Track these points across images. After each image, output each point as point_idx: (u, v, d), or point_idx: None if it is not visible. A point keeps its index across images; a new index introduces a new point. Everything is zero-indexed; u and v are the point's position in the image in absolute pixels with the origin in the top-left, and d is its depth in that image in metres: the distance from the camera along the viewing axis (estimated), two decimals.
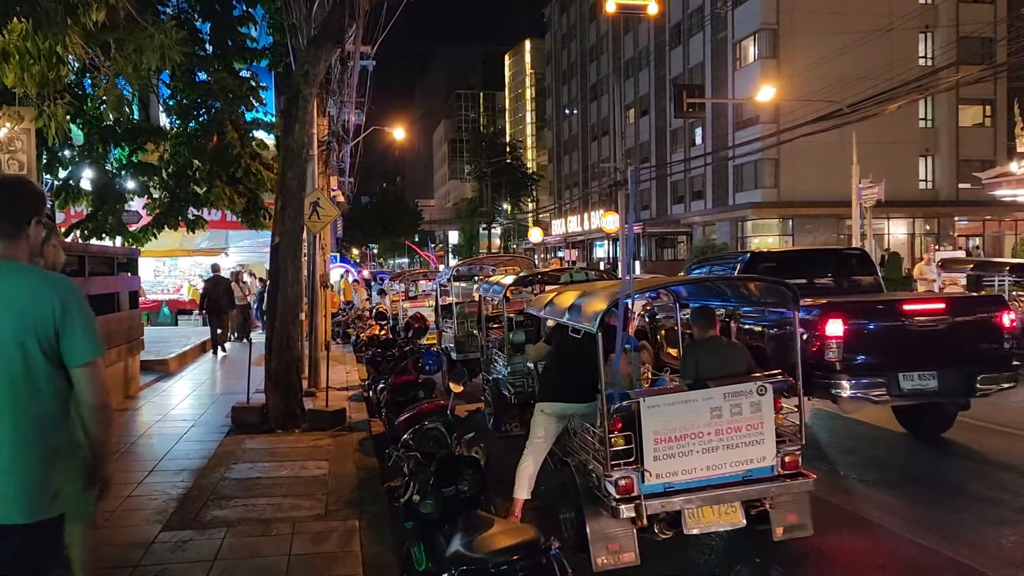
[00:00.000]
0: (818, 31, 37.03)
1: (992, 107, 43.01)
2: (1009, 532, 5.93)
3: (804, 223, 40.96)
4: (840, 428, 9.92)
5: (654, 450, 4.99)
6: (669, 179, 51.33)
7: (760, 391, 5.18)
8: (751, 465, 5.16)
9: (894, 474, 7.70)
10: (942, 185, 42.99)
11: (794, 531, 5.40)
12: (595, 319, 5.17)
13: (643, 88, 56.38)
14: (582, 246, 64.38)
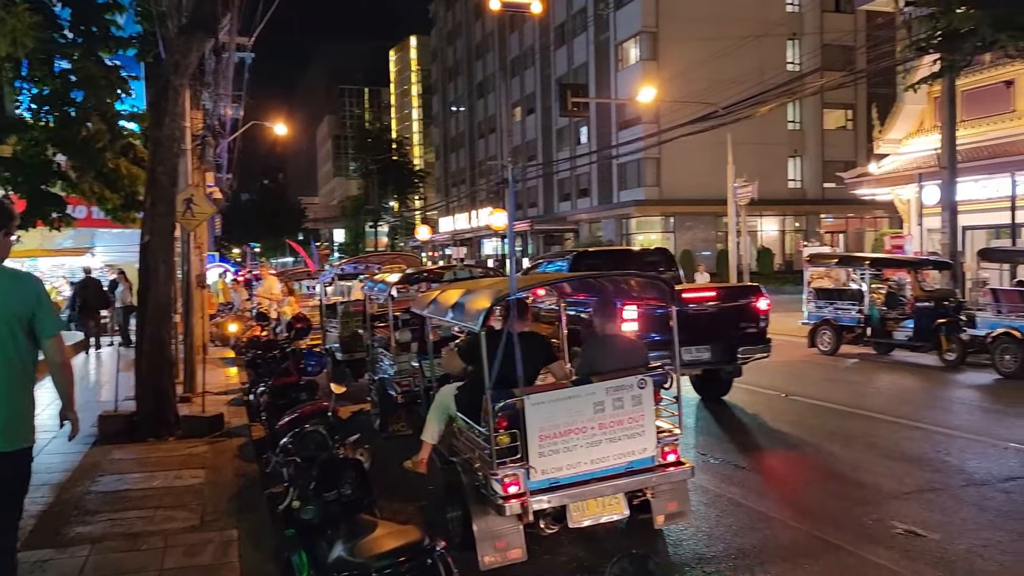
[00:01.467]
0: (695, 36, 38.33)
1: (854, 111, 45.69)
2: (871, 510, 6.27)
3: (684, 220, 42.39)
4: (717, 417, 10.29)
5: (539, 447, 5.01)
6: (556, 177, 52.04)
7: (640, 385, 5.27)
8: (633, 457, 5.26)
9: (768, 460, 8.02)
10: (810, 184, 45.37)
11: (674, 518, 5.58)
12: (478, 317, 5.13)
13: (529, 87, 56.91)
14: (471, 243, 64.42)
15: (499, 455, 4.98)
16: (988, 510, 6.26)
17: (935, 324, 13.94)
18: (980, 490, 6.79)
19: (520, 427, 5.03)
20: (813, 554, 5.44)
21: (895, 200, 24.13)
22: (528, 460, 4.99)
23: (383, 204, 74.14)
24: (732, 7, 39.82)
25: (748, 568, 5.26)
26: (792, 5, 43.95)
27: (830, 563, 5.28)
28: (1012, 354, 12.37)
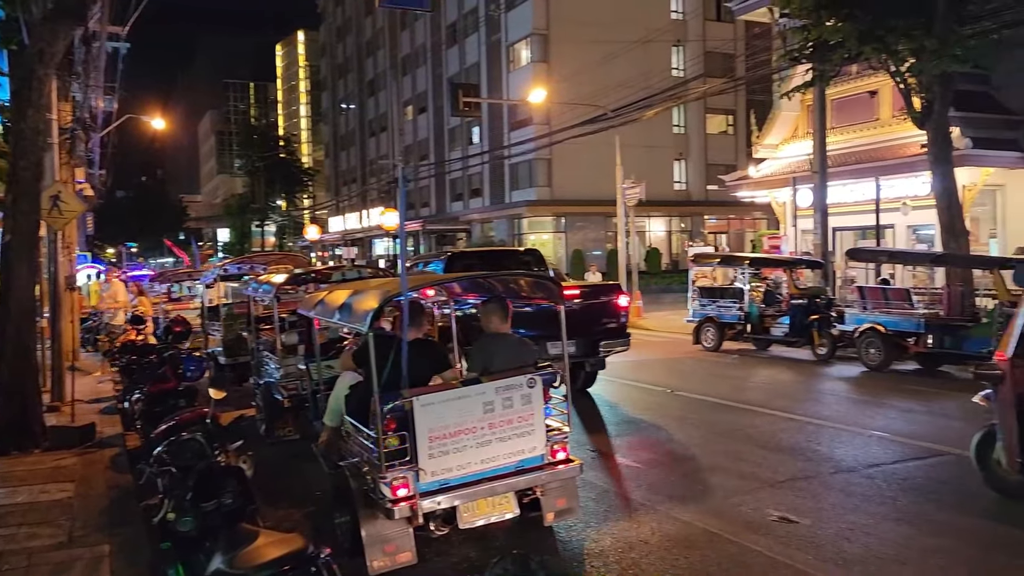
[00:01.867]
0: (585, 39, 39.02)
1: (734, 117, 47.63)
2: (749, 499, 6.54)
3: (575, 221, 43.11)
4: (606, 414, 10.50)
5: (429, 448, 4.97)
6: (448, 177, 51.92)
7: (530, 384, 5.30)
8: (523, 456, 5.29)
9: (655, 454, 8.24)
10: (694, 186, 46.98)
11: (564, 515, 5.64)
12: (366, 318, 5.04)
13: (421, 85, 56.56)
14: (362, 243, 63.50)
15: (388, 458, 4.91)
16: (854, 495, 6.63)
17: (808, 320, 14.69)
18: (847, 476, 7.18)
19: (409, 429, 4.98)
20: (696, 544, 5.62)
21: (772, 202, 25.25)
22: (417, 462, 4.94)
23: (270, 203, 72.11)
24: (620, 13, 40.77)
25: (634, 561, 5.37)
26: (676, 13, 45.38)
27: (711, 552, 5.46)
28: (876, 348, 13.17)
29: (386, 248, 60.07)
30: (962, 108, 17.48)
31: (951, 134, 15.01)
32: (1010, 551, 5.39)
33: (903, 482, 6.98)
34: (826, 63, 14.92)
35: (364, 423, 5.38)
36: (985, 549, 5.45)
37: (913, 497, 6.60)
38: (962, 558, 5.32)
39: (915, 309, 13.24)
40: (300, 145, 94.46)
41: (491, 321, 5.86)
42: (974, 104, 18.85)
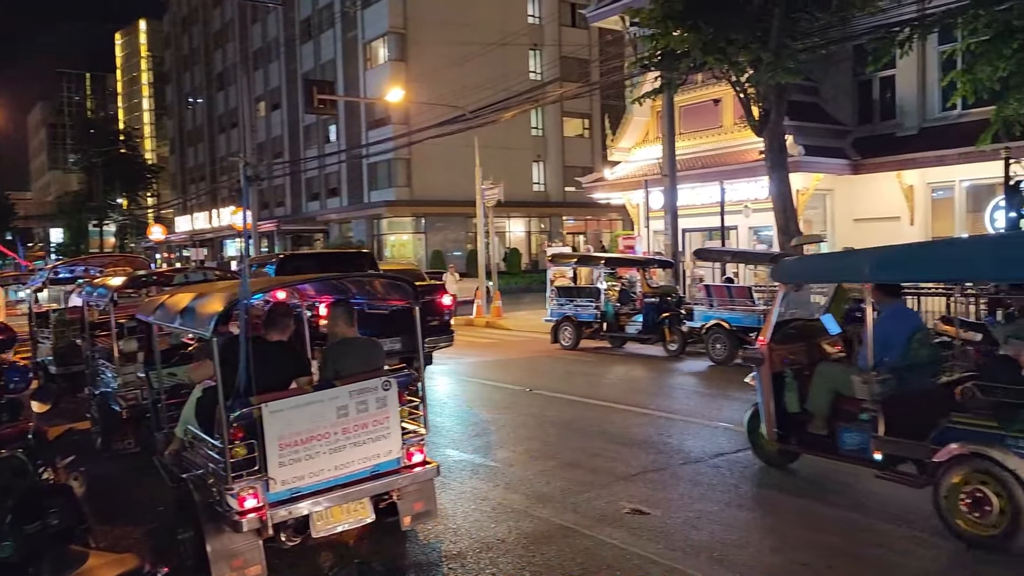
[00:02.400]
0: (443, 39, 39.01)
1: (590, 120, 49.01)
2: (604, 494, 6.71)
3: (435, 221, 43.02)
4: (465, 415, 10.50)
5: (279, 456, 4.80)
6: (304, 176, 50.55)
7: (385, 386, 5.22)
8: (378, 460, 5.21)
9: (513, 453, 8.30)
10: (552, 187, 47.96)
11: (421, 518, 5.59)
12: (209, 322, 4.79)
13: (274, 81, 54.80)
14: (211, 244, 60.75)
15: (235, 468, 4.70)
16: (701, 484, 6.93)
17: (660, 318, 15.30)
18: (695, 467, 7.50)
19: (258, 437, 4.78)
20: (552, 540, 5.70)
21: (627, 204, 26.12)
22: (267, 471, 4.76)
23: (109, 201, 67.64)
24: (478, 14, 41.07)
25: (492, 560, 5.39)
26: (533, 17, 46.19)
27: (566, 547, 5.55)
28: (722, 343, 13.88)
29: (238, 249, 57.74)
30: (795, 117, 18.69)
31: (786, 142, 16.02)
32: (836, 527, 5.78)
33: (744, 470, 7.36)
34: (673, 71, 15.56)
35: (212, 432, 5.13)
36: (813, 528, 5.82)
37: (754, 483, 6.98)
38: (793, 537, 5.66)
39: (756, 306, 14.03)
40: (143, 140, 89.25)
41: (338, 325, 5.72)
42: (806, 114, 20.21)
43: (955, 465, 5.39)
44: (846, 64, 19.88)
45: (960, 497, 5.36)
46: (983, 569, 5.10)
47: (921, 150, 18.58)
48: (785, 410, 6.92)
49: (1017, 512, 5.05)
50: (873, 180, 20.01)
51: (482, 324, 22.52)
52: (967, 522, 5.34)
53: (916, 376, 6.14)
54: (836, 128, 20.74)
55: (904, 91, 19.75)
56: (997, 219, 15.72)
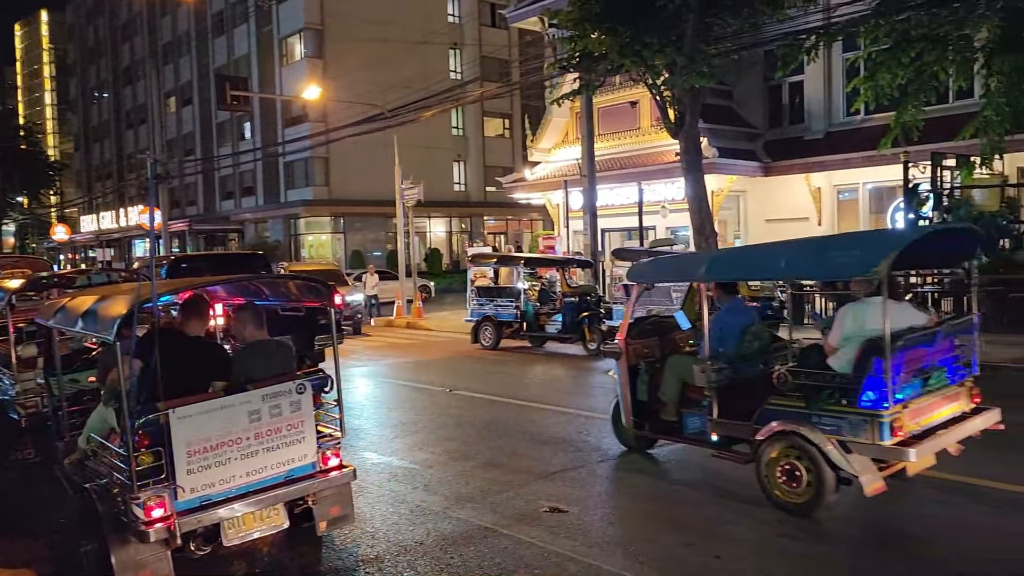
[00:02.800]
0: (361, 37, 38.55)
1: (510, 120, 49.19)
2: (525, 493, 6.73)
3: (355, 221, 42.47)
4: (383, 417, 10.39)
5: (187, 463, 4.64)
6: (218, 174, 49.21)
7: (299, 389, 5.11)
8: (293, 465, 5.09)
9: (432, 454, 8.25)
10: (473, 187, 47.97)
11: (338, 523, 5.48)
12: (112, 325, 4.60)
13: (185, 76, 53.15)
14: (119, 245, 58.51)
15: (141, 476, 4.53)
16: (618, 481, 7.04)
17: (580, 317, 15.45)
18: (612, 464, 7.60)
19: (166, 444, 4.61)
20: (471, 541, 5.68)
21: (547, 204, 26.33)
22: (175, 479, 4.60)
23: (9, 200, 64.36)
24: (397, 12, 40.73)
25: (409, 563, 5.34)
26: (453, 16, 46.09)
27: (486, 547, 5.54)
28: None
29: (146, 250, 55.76)
30: (710, 120, 19.20)
31: (700, 144, 16.40)
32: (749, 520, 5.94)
33: (658, 466, 7.51)
34: (591, 73, 15.76)
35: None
36: (728, 521, 5.97)
37: (665, 478, 7.13)
38: (707, 531, 5.79)
39: (674, 305, 14.31)
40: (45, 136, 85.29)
41: (247, 328, 5.58)
42: (720, 117, 20.79)
43: (773, 442, 6.03)
44: (757, 69, 20.54)
45: (777, 470, 6.00)
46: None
47: (827, 153, 19.35)
48: (641, 399, 7.54)
49: (820, 481, 5.71)
50: (783, 182, 20.73)
51: (403, 325, 22.34)
52: (783, 492, 5.97)
53: (747, 365, 6.83)
54: (748, 131, 21.39)
55: (812, 96, 20.53)
56: (898, 220, 16.48)
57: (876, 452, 5.55)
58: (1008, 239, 14.87)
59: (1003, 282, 14.43)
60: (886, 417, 5.45)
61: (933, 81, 12.20)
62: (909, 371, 5.74)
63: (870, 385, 5.55)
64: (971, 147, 13.71)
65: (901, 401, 5.59)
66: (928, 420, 5.87)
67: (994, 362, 11.53)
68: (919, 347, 5.80)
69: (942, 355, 6.12)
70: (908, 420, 5.64)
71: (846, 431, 5.65)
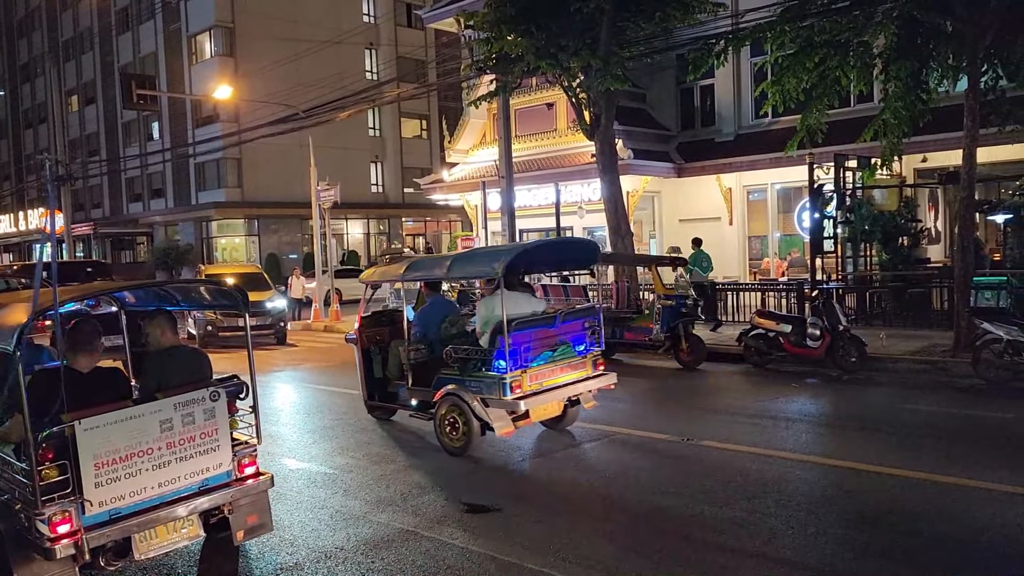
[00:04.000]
0: (274, 35, 37.76)
1: (428, 121, 48.95)
2: (444, 494, 6.71)
3: (269, 223, 41.54)
4: (299, 422, 10.21)
5: (95, 476, 4.47)
6: (124, 175, 47.42)
7: (213, 396, 4.98)
8: (208, 474, 4.96)
9: (349, 458, 8.14)
10: (391, 189, 47.54)
11: (255, 532, 5.35)
12: (13, 335, 4.35)
13: (88, 73, 51.03)
14: (19, 249, 55.75)
15: (45, 491, 4.33)
16: (543, 479, 7.09)
17: None
18: (538, 462, 7.67)
19: (71, 457, 4.43)
20: (392, 544, 5.63)
21: (465, 205, 26.31)
22: (82, 493, 4.42)
23: None
24: (310, 11, 40.11)
25: (330, 570, 5.26)
26: (368, 16, 45.58)
27: (407, 550, 5.51)
28: None
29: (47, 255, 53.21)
30: (624, 122, 19.53)
31: (616, 145, 16.68)
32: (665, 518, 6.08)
33: (578, 463, 7.60)
34: (508, 75, 15.85)
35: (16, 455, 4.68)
36: (644, 517, 6.09)
37: (589, 475, 7.22)
38: (633, 526, 5.90)
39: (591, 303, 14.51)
40: None
41: (164, 334, 5.38)
42: (634, 119, 21.18)
43: (442, 402, 7.98)
44: (670, 72, 21.00)
45: (445, 423, 7.98)
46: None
47: (737, 155, 19.93)
48: (376, 377, 9.48)
49: (469, 429, 7.72)
50: (696, 182, 21.25)
51: (320, 328, 21.98)
52: (448, 439, 7.97)
53: (441, 348, 8.34)
54: (662, 133, 21.85)
55: (722, 99, 21.11)
56: (804, 219, 17.11)
57: (503, 405, 7.57)
58: (906, 237, 15.61)
59: (902, 278, 15.15)
60: (508, 379, 7.50)
61: (836, 85, 12.71)
62: (539, 346, 7.87)
63: (498, 356, 7.62)
64: (872, 149, 14.36)
65: (523, 367, 7.67)
66: (550, 382, 7.96)
67: (894, 355, 12.12)
68: (539, 328, 7.90)
69: (571, 334, 8.27)
70: (528, 382, 7.68)
71: (485, 391, 7.66)
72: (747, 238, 21.28)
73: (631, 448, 8.09)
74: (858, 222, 15.45)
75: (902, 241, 15.56)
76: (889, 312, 15.34)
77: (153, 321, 5.44)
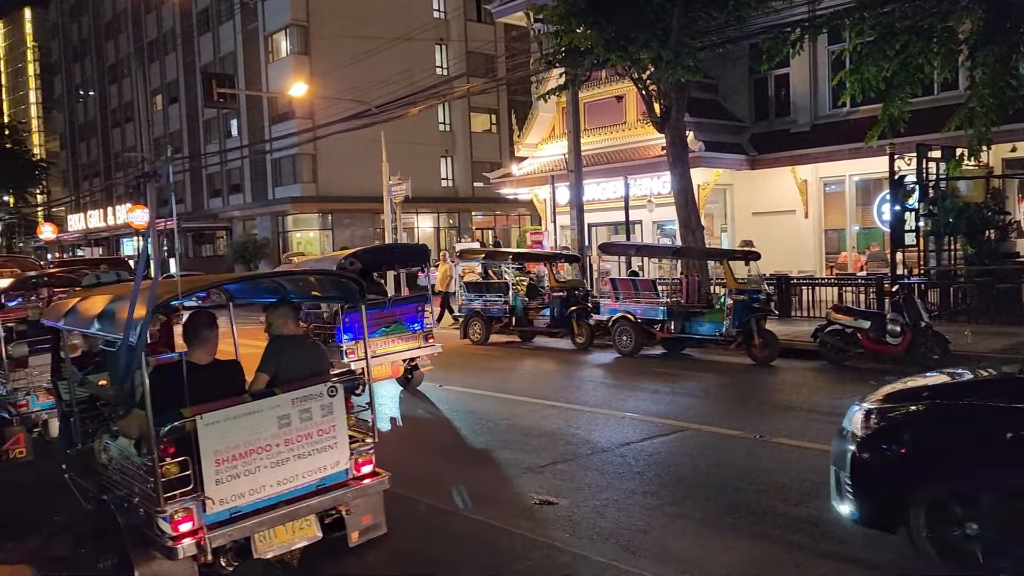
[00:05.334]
0: (347, 33, 38.37)
1: (497, 116, 49.11)
2: (514, 486, 6.76)
3: (343, 218, 42.33)
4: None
5: (216, 473, 4.39)
6: (205, 171, 48.96)
7: (331, 392, 4.89)
8: (325, 472, 4.88)
9: (430, 453, 8.27)
10: (460, 183, 47.88)
11: (370, 532, 5.18)
12: (135, 327, 4.27)
13: (171, 74, 52.80)
14: (108, 243, 58.18)
15: (167, 488, 4.28)
16: (607, 473, 7.08)
17: (568, 312, 15.47)
18: (601, 456, 7.65)
19: (192, 453, 4.36)
20: (471, 536, 5.71)
21: (534, 199, 26.35)
22: (203, 490, 4.35)
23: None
24: (382, 9, 40.59)
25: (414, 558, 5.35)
26: (438, 12, 45.94)
27: (482, 539, 5.58)
28: (628, 335, 14.15)
29: (135, 248, 55.37)
30: (695, 114, 19.25)
31: (687, 137, 16.46)
32: (737, 514, 6.01)
33: (649, 457, 7.56)
34: (577, 68, 15.79)
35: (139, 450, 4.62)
36: (716, 514, 6.03)
37: (657, 471, 7.17)
38: (696, 522, 5.85)
39: (660, 298, 14.39)
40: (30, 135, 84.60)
41: (286, 324, 5.27)
42: (706, 111, 20.84)
43: None
44: (743, 62, 20.61)
45: None
46: None
47: (813, 146, 19.43)
48: None
49: None
50: (770, 175, 20.81)
51: None
52: None
53: None
54: (734, 124, 21.45)
55: (798, 89, 20.60)
56: (884, 212, 16.60)
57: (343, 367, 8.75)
58: (993, 230, 14.99)
59: (989, 273, 14.56)
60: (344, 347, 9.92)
61: (918, 73, 12.24)
62: (374, 324, 10.12)
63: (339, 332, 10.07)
64: (957, 139, 13.80)
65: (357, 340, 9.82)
66: (384, 351, 10.30)
67: (980, 352, 11.65)
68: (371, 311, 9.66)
69: (405, 315, 10.69)
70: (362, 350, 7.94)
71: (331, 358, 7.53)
72: (823, 231, 20.73)
73: (702, 444, 8.01)
74: (942, 215, 14.90)
75: (989, 234, 14.95)
76: (974, 308, 14.74)
77: (277, 311, 5.33)
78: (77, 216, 63.47)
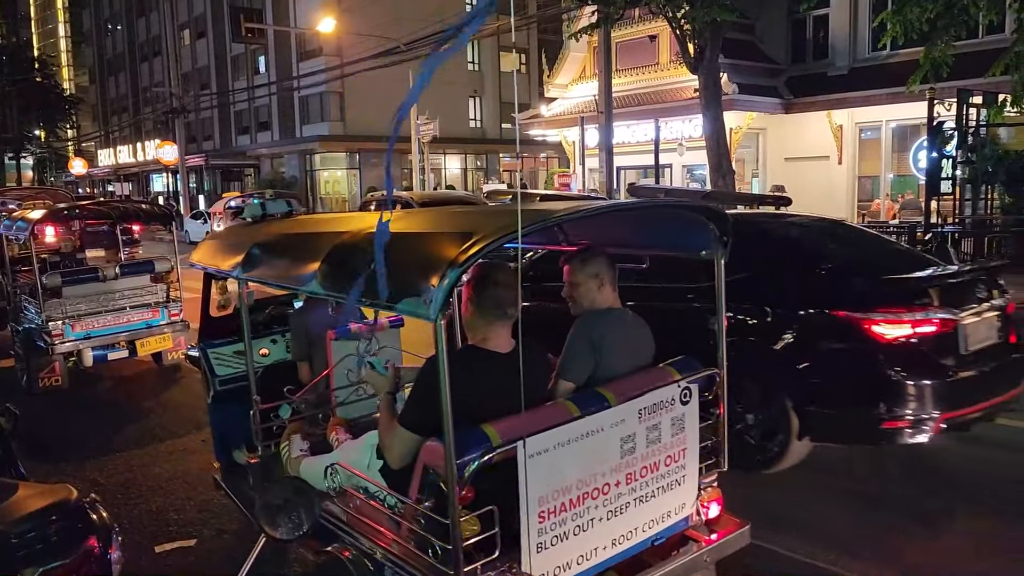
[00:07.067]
0: None
1: (527, 56, 48.38)
2: None
3: (370, 157, 42.25)
4: None
5: (539, 533, 2.65)
6: (233, 108, 48.94)
7: (684, 398, 3.11)
8: (666, 522, 3.12)
9: None
10: (489, 124, 47.50)
11: None
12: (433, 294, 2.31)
13: (198, 7, 52.41)
14: (137, 179, 58.71)
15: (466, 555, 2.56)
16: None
17: None
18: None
19: (503, 498, 2.58)
20: None
21: (563, 141, 26.10)
22: (520, 562, 2.63)
23: (26, 133, 64.51)
24: None
25: None
26: None
27: None
28: None
29: (164, 184, 55.86)
30: (730, 55, 18.83)
31: (721, 80, 16.14)
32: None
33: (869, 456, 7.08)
34: (610, 5, 15.45)
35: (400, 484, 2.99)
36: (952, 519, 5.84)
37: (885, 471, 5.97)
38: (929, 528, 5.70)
39: None
40: (60, 69, 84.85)
41: (602, 286, 3.33)
42: (741, 52, 20.38)
43: None
44: (781, 2, 20.05)
45: None
46: None
47: (851, 90, 19.00)
48: None
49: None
50: (804, 119, 20.43)
51: None
52: None
53: None
54: (770, 67, 21.00)
55: (836, 31, 20.06)
56: (920, 159, 16.27)
57: None
58: None
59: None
60: None
61: (963, 15, 11.86)
62: None
63: None
64: (1000, 84, 13.41)
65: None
66: None
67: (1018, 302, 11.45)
68: None
69: None
70: None
71: None
72: (857, 178, 20.39)
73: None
74: (980, 162, 14.55)
75: None
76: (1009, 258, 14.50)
77: (586, 266, 3.35)
78: (107, 151, 64.02)
